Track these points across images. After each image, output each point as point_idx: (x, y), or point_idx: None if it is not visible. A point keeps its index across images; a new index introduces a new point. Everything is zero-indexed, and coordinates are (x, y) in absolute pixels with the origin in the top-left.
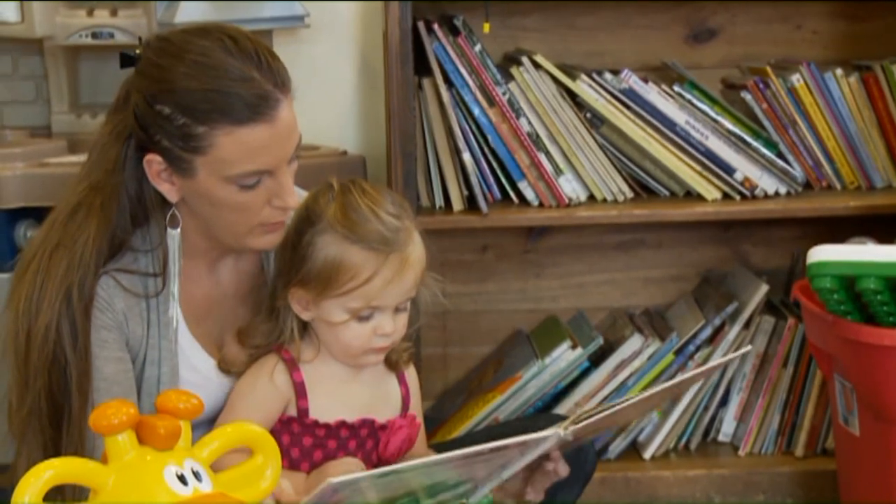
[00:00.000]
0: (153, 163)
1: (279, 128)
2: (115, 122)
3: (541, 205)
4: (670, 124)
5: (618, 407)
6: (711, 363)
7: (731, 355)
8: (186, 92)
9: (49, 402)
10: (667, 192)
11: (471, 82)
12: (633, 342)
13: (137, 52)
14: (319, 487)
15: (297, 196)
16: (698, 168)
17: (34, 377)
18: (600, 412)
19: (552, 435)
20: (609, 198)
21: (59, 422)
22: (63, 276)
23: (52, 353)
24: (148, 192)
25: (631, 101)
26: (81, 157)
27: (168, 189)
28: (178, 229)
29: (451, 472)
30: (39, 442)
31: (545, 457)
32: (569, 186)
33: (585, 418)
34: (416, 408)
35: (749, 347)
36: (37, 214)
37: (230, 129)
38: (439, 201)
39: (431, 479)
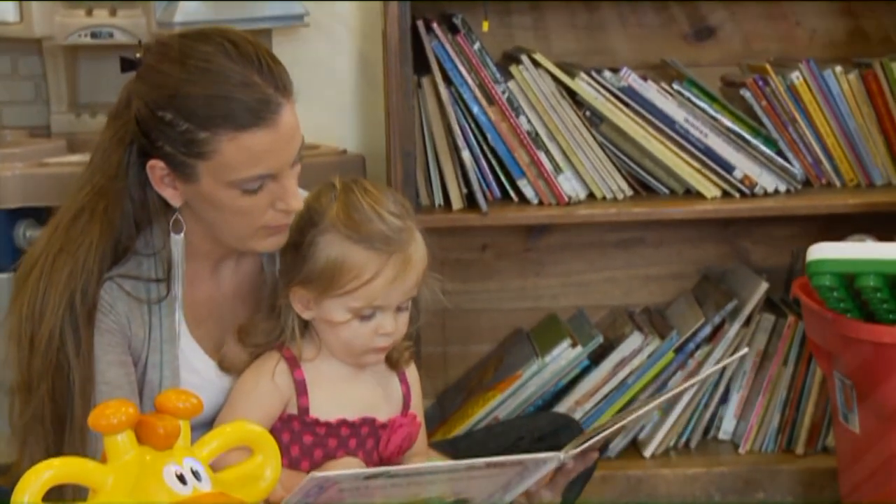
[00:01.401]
0: (156, 168)
1: (281, 132)
2: (116, 127)
3: (540, 203)
4: (669, 122)
5: (616, 426)
6: (707, 371)
7: (727, 360)
8: (188, 98)
9: (52, 406)
10: (666, 190)
11: (470, 81)
12: (633, 340)
13: (138, 55)
14: (303, 482)
15: (300, 197)
16: (698, 166)
17: (37, 382)
18: (601, 432)
19: (552, 458)
20: (609, 196)
21: (62, 426)
22: (66, 282)
23: (55, 358)
24: (151, 197)
25: (630, 99)
26: (81, 157)
27: (171, 194)
28: (182, 234)
29: (445, 484)
30: (42, 446)
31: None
32: (568, 185)
33: (585, 441)
34: (417, 406)
35: (746, 350)
36: (36, 214)
37: (233, 134)
38: (439, 200)
39: (424, 491)
